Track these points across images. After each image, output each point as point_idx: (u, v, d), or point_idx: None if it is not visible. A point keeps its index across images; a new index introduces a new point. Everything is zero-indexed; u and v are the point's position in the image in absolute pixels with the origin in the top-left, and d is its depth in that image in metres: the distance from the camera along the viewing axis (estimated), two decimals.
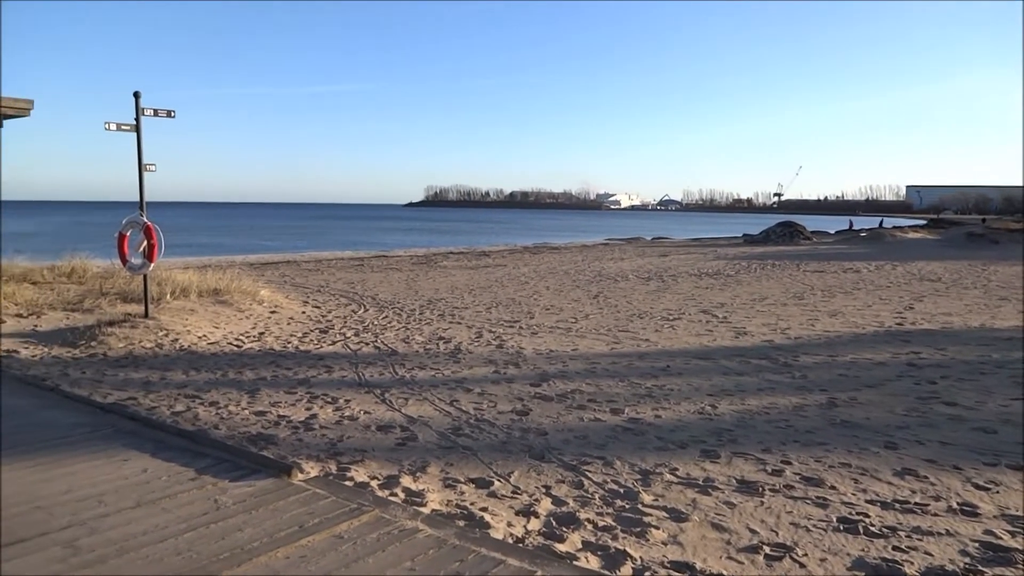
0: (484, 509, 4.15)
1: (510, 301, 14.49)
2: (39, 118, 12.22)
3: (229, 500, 3.83)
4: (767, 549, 3.71)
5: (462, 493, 4.44)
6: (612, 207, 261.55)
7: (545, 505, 4.26)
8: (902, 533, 3.90)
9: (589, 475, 4.78)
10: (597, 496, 4.42)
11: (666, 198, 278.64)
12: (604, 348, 9.39)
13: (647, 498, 4.39)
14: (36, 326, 9.96)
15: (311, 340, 9.86)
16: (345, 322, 11.55)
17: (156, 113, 10.21)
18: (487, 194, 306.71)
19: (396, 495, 4.31)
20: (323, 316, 12.22)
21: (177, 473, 4.24)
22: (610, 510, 4.20)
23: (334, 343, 9.67)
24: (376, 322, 11.57)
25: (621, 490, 4.52)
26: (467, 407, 6.47)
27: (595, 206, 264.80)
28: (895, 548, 3.73)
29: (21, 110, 11.58)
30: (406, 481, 4.60)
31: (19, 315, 10.56)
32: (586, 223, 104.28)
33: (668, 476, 4.78)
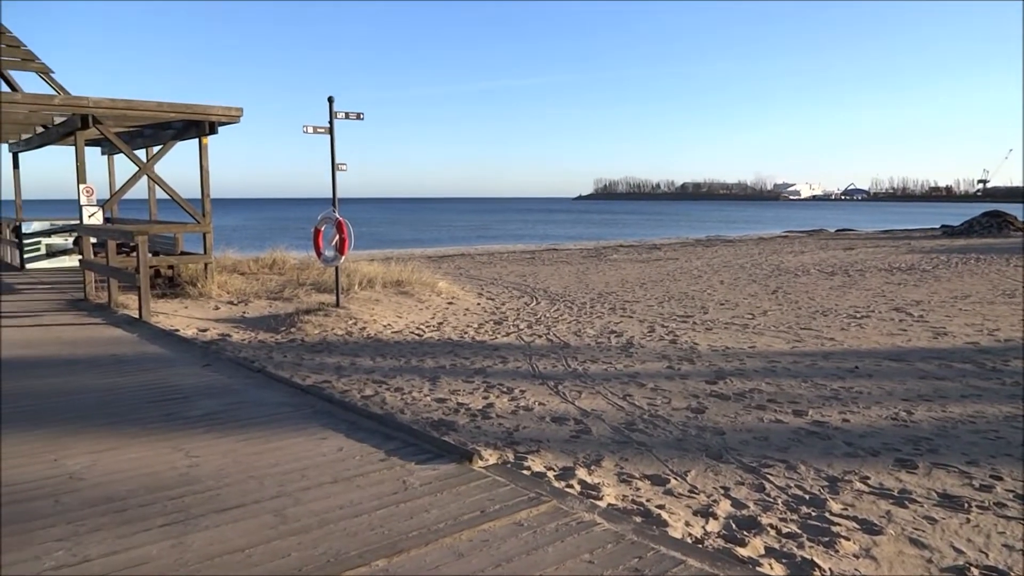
0: (661, 507, 4.11)
1: (682, 295, 14.19)
2: (246, 122, 13.46)
3: (416, 481, 4.05)
4: (976, 572, 3.40)
5: (638, 489, 4.42)
6: (791, 197, 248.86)
7: (724, 507, 4.15)
8: None
9: (771, 478, 4.59)
10: (780, 501, 4.24)
11: (851, 187, 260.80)
12: (784, 346, 8.97)
13: (835, 506, 4.15)
14: (244, 313, 11.00)
15: (486, 331, 10.18)
16: (518, 314, 11.81)
17: (347, 116, 10.91)
18: (657, 186, 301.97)
19: (572, 487, 4.36)
20: (497, 308, 12.56)
21: (369, 453, 4.53)
22: (795, 516, 4.02)
23: (508, 335, 9.92)
24: (548, 315, 11.73)
25: (806, 496, 4.31)
26: (640, 402, 6.42)
27: (772, 197, 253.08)
28: None
29: (232, 117, 12.82)
30: (581, 473, 4.65)
31: (230, 302, 11.71)
32: (762, 215, 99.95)
33: (858, 485, 4.50)
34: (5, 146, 18.04)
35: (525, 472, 4.53)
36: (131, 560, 3.15)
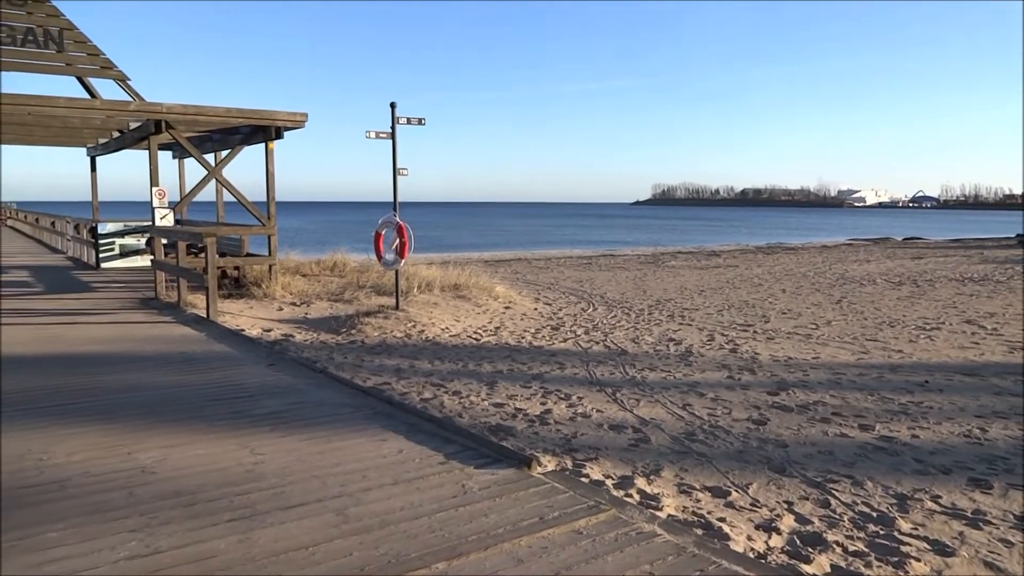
0: (722, 519, 4.04)
1: (743, 304, 13.94)
2: (310, 127, 13.76)
3: (475, 486, 4.07)
4: None
5: (698, 500, 4.35)
6: (856, 204, 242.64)
7: (787, 522, 4.06)
8: None
9: (836, 494, 4.47)
10: (846, 518, 4.12)
11: (920, 194, 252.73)
12: (849, 358, 8.73)
13: (905, 525, 4.02)
14: (306, 314, 11.22)
15: (543, 336, 10.17)
16: (575, 320, 11.77)
17: (409, 121, 11.05)
18: (717, 192, 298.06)
19: (631, 496, 4.32)
20: (554, 313, 12.54)
21: (428, 456, 4.57)
22: (861, 534, 3.90)
23: (565, 340, 9.90)
24: (605, 321, 11.67)
25: (874, 514, 4.18)
26: (700, 412, 6.33)
27: (836, 203, 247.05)
28: None
29: (297, 122, 13.11)
30: (640, 483, 4.60)
31: (293, 303, 11.96)
32: (825, 222, 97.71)
33: (929, 504, 4.35)
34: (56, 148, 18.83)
35: (584, 480, 4.51)
36: (200, 553, 3.25)
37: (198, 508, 3.74)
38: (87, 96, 12.42)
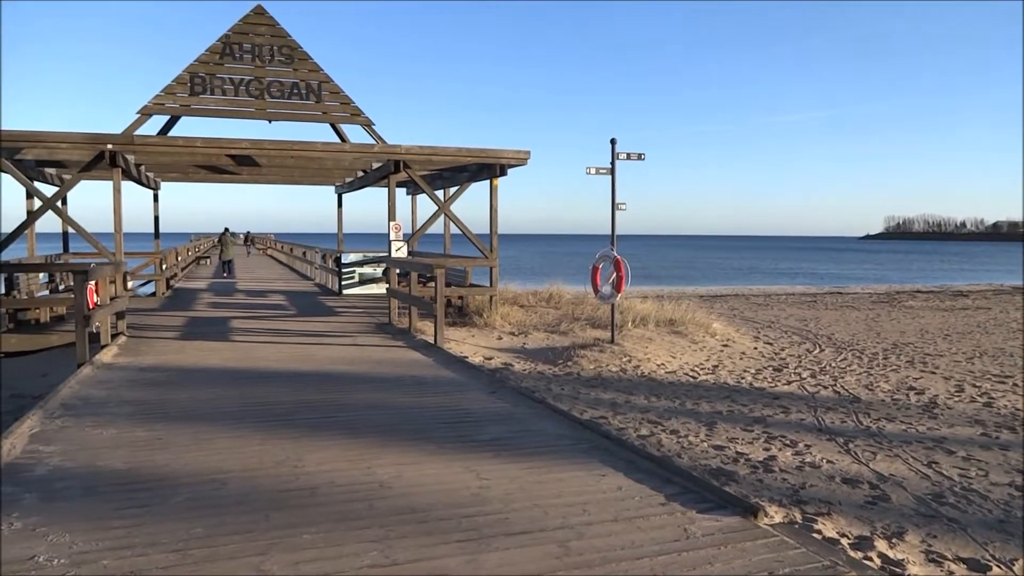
0: None
1: (998, 351, 12.41)
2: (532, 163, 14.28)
3: (698, 531, 3.95)
4: None
5: (951, 573, 3.91)
6: None
7: None
8: None
9: None
10: None
11: None
12: None
13: None
14: (524, 344, 11.58)
15: (765, 377, 9.70)
16: (800, 361, 11.12)
17: (629, 157, 11.14)
18: (962, 225, 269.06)
19: (871, 559, 3.98)
20: (775, 353, 11.94)
21: (648, 496, 4.51)
22: None
23: (789, 383, 9.37)
24: (834, 364, 10.90)
25: None
26: (949, 471, 5.70)
27: None
28: None
29: (521, 160, 13.68)
30: (881, 545, 4.23)
31: (511, 333, 12.40)
32: None
33: None
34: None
35: (815, 536, 4.22)
36: (433, 569, 3.43)
37: (430, 525, 3.96)
38: (339, 140, 13.85)
